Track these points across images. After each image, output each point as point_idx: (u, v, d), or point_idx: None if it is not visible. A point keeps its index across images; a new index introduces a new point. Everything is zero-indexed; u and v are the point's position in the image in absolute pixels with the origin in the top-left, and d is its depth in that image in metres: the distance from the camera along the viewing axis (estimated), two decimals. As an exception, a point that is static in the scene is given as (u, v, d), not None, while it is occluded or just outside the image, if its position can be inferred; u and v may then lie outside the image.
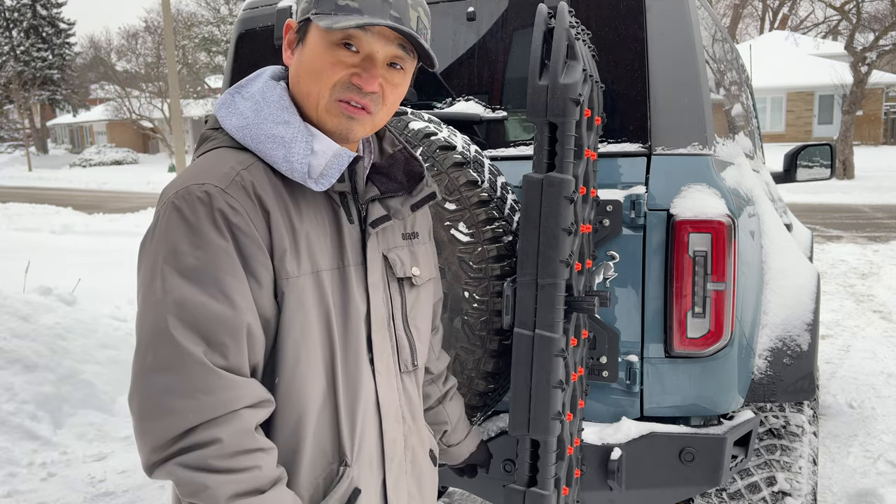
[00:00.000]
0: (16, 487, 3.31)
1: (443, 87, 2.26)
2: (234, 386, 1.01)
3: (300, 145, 1.09)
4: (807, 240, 3.85)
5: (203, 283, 1.01)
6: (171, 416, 0.98)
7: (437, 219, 1.79)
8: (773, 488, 2.26)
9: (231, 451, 1.00)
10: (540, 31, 1.63)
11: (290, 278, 1.08)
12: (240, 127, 1.12)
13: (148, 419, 0.99)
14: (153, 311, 1.01)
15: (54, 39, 46.25)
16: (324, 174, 1.09)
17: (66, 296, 4.93)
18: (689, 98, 1.97)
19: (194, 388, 0.98)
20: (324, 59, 1.11)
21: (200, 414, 0.98)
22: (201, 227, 1.02)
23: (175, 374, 0.98)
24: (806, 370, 2.16)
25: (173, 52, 13.29)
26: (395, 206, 1.24)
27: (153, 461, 1.00)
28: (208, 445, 0.98)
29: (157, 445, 0.99)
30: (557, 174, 1.59)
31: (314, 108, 1.14)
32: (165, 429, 0.98)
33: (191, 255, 1.01)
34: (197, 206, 1.02)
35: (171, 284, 1.00)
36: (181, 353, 0.98)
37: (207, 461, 0.98)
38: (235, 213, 1.03)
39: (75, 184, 26.50)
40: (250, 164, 1.09)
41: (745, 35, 38.33)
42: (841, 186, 15.96)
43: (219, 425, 0.99)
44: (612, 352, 1.94)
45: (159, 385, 0.99)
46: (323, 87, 1.12)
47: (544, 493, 1.66)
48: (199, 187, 1.04)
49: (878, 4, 21.09)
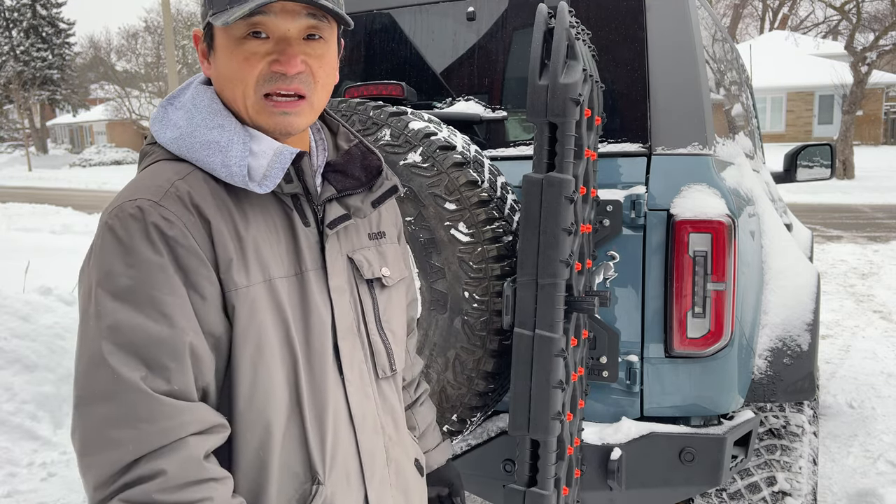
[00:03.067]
0: (16, 487, 3.31)
1: (443, 87, 2.26)
2: (177, 412, 0.95)
3: (237, 148, 1.03)
4: (807, 240, 3.85)
5: (138, 303, 0.95)
6: (112, 449, 0.92)
7: (437, 219, 1.79)
8: (773, 488, 2.26)
9: (177, 484, 0.92)
10: (540, 30, 1.63)
11: (238, 289, 1.01)
12: (174, 138, 1.06)
13: (88, 453, 0.93)
14: (88, 338, 0.95)
15: (54, 39, 46.23)
16: (267, 175, 1.03)
17: (66, 296, 4.92)
18: (689, 98, 1.97)
19: (134, 418, 0.92)
20: (237, 58, 1.04)
21: (142, 445, 0.92)
22: (134, 244, 0.96)
23: (113, 402, 0.92)
24: (806, 370, 2.16)
25: (173, 52, 13.29)
26: (354, 204, 1.16)
27: (97, 499, 0.93)
28: (152, 479, 0.92)
29: (99, 482, 0.92)
30: (557, 174, 1.59)
31: (245, 111, 1.07)
32: (107, 463, 0.92)
33: (124, 276, 0.95)
34: (129, 222, 0.96)
35: (105, 308, 0.94)
36: (118, 381, 0.92)
37: (151, 496, 0.91)
38: (171, 226, 0.97)
39: (75, 184, 26.48)
40: (187, 173, 1.03)
41: (745, 35, 38.33)
42: (841, 186, 15.95)
43: (162, 456, 0.93)
44: (612, 352, 1.94)
45: (98, 416, 0.93)
46: (246, 87, 1.05)
47: (544, 493, 1.66)
48: (132, 203, 0.98)
49: (878, 4, 21.09)
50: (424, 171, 1.79)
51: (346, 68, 2.37)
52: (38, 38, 45.52)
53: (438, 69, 2.27)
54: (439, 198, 1.78)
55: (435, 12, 2.27)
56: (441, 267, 1.81)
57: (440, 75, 2.27)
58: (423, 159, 1.79)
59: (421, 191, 1.79)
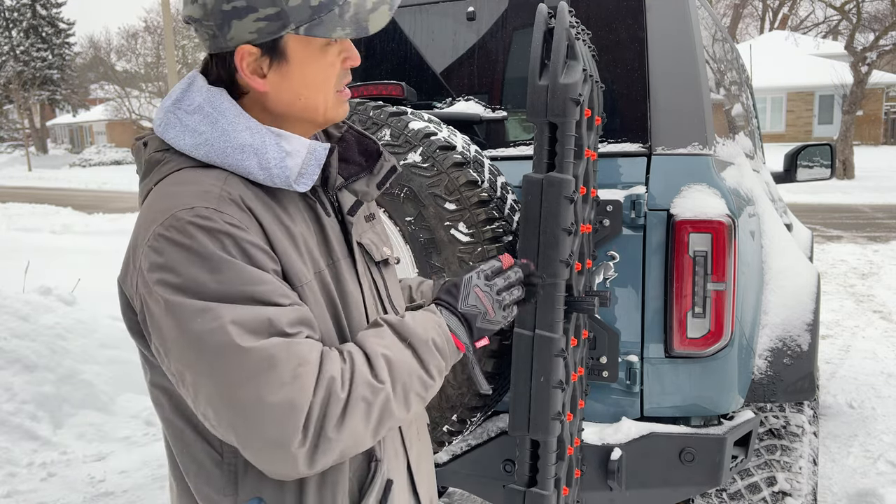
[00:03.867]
0: (16, 487, 3.31)
1: (443, 87, 2.26)
2: (316, 344, 0.97)
3: (272, 149, 1.02)
4: (807, 240, 3.85)
5: (240, 301, 0.92)
6: (288, 410, 0.90)
7: (437, 219, 1.79)
8: (774, 488, 2.26)
9: (352, 375, 0.96)
10: (540, 30, 1.63)
11: (303, 285, 1.02)
12: (197, 144, 1.02)
13: (267, 432, 0.91)
14: (209, 344, 0.91)
15: (54, 39, 46.25)
16: (302, 173, 1.04)
17: (66, 296, 4.92)
18: (689, 98, 1.97)
19: (291, 367, 0.91)
20: (323, 63, 1.06)
21: (307, 383, 0.92)
22: (207, 251, 0.93)
23: (264, 374, 0.91)
24: (806, 370, 2.16)
25: (173, 52, 13.30)
26: (361, 188, 1.18)
27: (308, 460, 0.93)
28: (330, 397, 0.93)
29: (296, 444, 0.91)
30: (557, 174, 1.59)
31: (322, 112, 1.09)
32: (290, 424, 0.91)
33: (212, 282, 0.92)
34: (192, 230, 0.93)
35: (213, 314, 0.91)
36: (258, 352, 0.91)
37: (343, 404, 0.94)
38: (238, 229, 0.95)
39: (75, 184, 26.48)
40: (226, 178, 1.01)
41: (745, 35, 38.33)
42: (841, 186, 15.96)
43: (324, 373, 0.94)
44: (612, 352, 1.94)
45: (253, 395, 0.91)
46: (329, 89, 1.08)
47: (544, 493, 1.66)
48: (189, 212, 0.94)
49: (878, 4, 21.09)
50: (424, 171, 1.79)
51: (346, 68, 2.37)
52: (38, 38, 45.53)
53: (438, 69, 2.27)
54: (439, 198, 1.78)
55: (435, 12, 2.27)
56: (441, 267, 1.81)
57: (440, 75, 2.27)
58: (423, 159, 1.79)
59: (421, 191, 1.79)
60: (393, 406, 1.00)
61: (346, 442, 0.96)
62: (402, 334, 1.06)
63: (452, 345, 1.12)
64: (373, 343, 1.03)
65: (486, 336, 1.19)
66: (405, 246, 1.86)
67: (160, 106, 1.10)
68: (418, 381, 1.05)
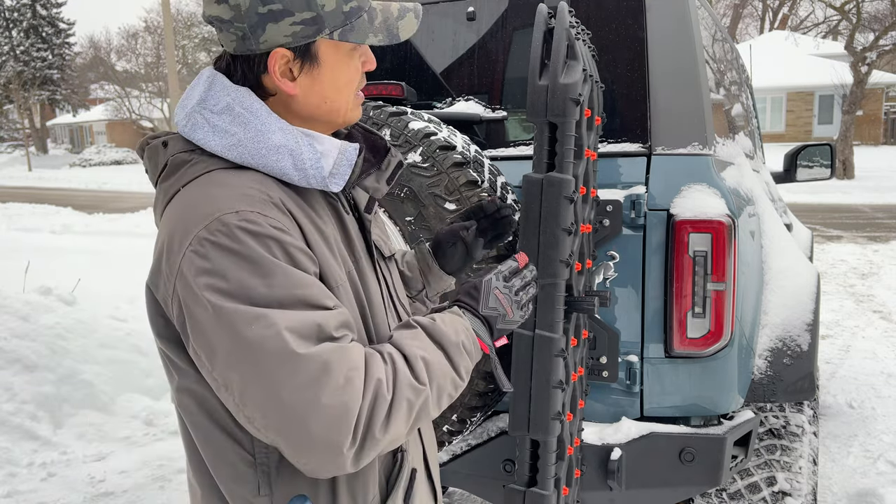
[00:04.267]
0: (16, 487, 3.31)
1: (443, 87, 2.26)
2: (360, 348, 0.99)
3: (306, 150, 1.03)
4: (807, 240, 3.85)
5: (290, 305, 0.93)
6: (340, 412, 0.92)
7: (437, 219, 1.79)
8: (774, 488, 2.26)
9: (395, 377, 0.99)
10: (540, 31, 1.63)
11: (339, 286, 1.04)
12: (230, 145, 1.02)
13: (319, 437, 0.92)
14: (264, 350, 0.91)
15: (54, 39, 46.25)
16: (334, 173, 1.05)
17: (66, 296, 4.92)
18: (689, 98, 1.97)
19: (335, 375, 0.92)
20: (351, 68, 1.10)
21: (356, 388, 0.94)
22: (254, 254, 0.92)
23: (318, 380, 0.91)
24: (806, 370, 2.16)
25: (173, 52, 13.30)
26: (372, 184, 1.19)
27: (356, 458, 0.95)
28: (377, 397, 0.95)
29: (349, 446, 0.93)
30: (557, 174, 1.59)
31: (343, 114, 1.12)
32: (344, 425, 0.92)
33: (261, 286, 0.92)
34: (241, 235, 0.93)
35: (267, 321, 0.91)
36: (314, 358, 0.92)
37: (394, 402, 0.97)
38: (283, 233, 0.96)
39: (75, 184, 26.48)
40: (262, 180, 1.01)
41: (745, 35, 38.33)
42: (841, 186, 15.95)
43: (372, 375, 0.97)
44: (612, 352, 1.94)
45: (306, 399, 0.91)
46: (352, 92, 1.12)
47: (544, 493, 1.66)
48: (235, 216, 0.93)
49: (878, 4, 21.09)
50: (424, 171, 1.79)
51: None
52: (38, 38, 45.53)
53: (438, 69, 2.27)
54: (439, 198, 1.78)
55: (435, 12, 2.27)
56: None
57: (440, 75, 2.27)
58: (423, 159, 1.79)
59: (421, 191, 1.79)
60: (430, 406, 1.04)
61: (389, 440, 0.98)
62: (434, 336, 1.09)
63: (477, 346, 1.15)
64: (411, 345, 1.05)
65: (505, 335, 1.22)
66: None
67: (181, 106, 1.08)
68: (451, 382, 1.08)
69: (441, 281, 1.51)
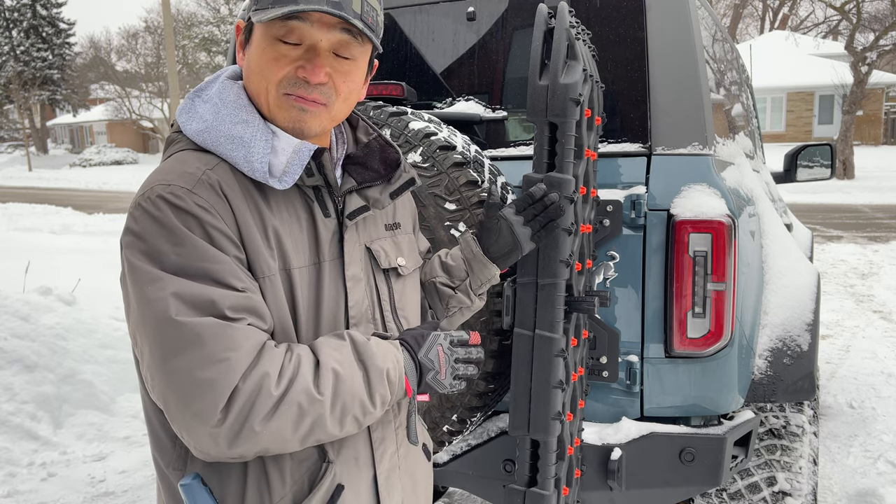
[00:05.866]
0: (16, 487, 3.31)
1: (443, 87, 2.26)
2: (253, 333, 1.00)
3: (259, 144, 1.07)
4: (807, 240, 3.85)
5: (194, 275, 0.98)
6: (209, 389, 0.95)
7: (437, 219, 1.79)
8: (774, 488, 2.26)
9: (293, 378, 0.99)
10: (540, 31, 1.63)
11: (265, 277, 1.06)
12: (199, 131, 1.10)
13: (187, 405, 0.96)
14: (149, 313, 0.98)
15: (54, 39, 46.25)
16: (286, 171, 1.07)
17: (66, 296, 4.92)
18: (689, 98, 1.97)
19: (219, 351, 0.96)
20: (267, 55, 1.09)
21: (237, 368, 0.96)
22: (173, 225, 1.00)
23: (192, 349, 0.96)
24: (806, 370, 2.16)
25: (173, 52, 13.31)
26: (373, 195, 1.21)
27: (225, 441, 0.96)
28: (261, 387, 0.97)
29: (211, 424, 0.95)
30: (557, 174, 1.59)
31: (266, 106, 1.12)
32: (211, 402, 0.95)
33: (172, 253, 0.99)
34: (162, 205, 1.00)
35: (162, 284, 0.97)
36: (191, 329, 0.96)
37: (271, 399, 0.97)
38: (205, 212, 1.01)
39: (75, 184, 26.49)
40: (215, 164, 1.08)
41: (745, 35, 38.34)
42: (841, 186, 15.96)
43: (258, 364, 0.98)
44: (612, 352, 1.94)
45: (182, 368, 0.96)
46: (270, 84, 1.10)
47: (544, 493, 1.66)
48: (166, 188, 1.02)
49: (878, 4, 21.09)
50: (424, 171, 1.79)
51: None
52: (38, 38, 45.54)
53: (438, 69, 2.27)
54: (439, 198, 1.78)
55: (435, 12, 2.27)
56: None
57: (440, 75, 2.27)
58: (423, 159, 1.79)
59: (421, 191, 1.79)
60: (327, 421, 1.03)
61: (271, 439, 0.99)
62: (360, 354, 1.09)
63: (402, 383, 1.14)
64: (327, 354, 1.06)
65: (428, 394, 1.20)
66: None
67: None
68: (359, 405, 1.07)
69: (485, 269, 1.46)
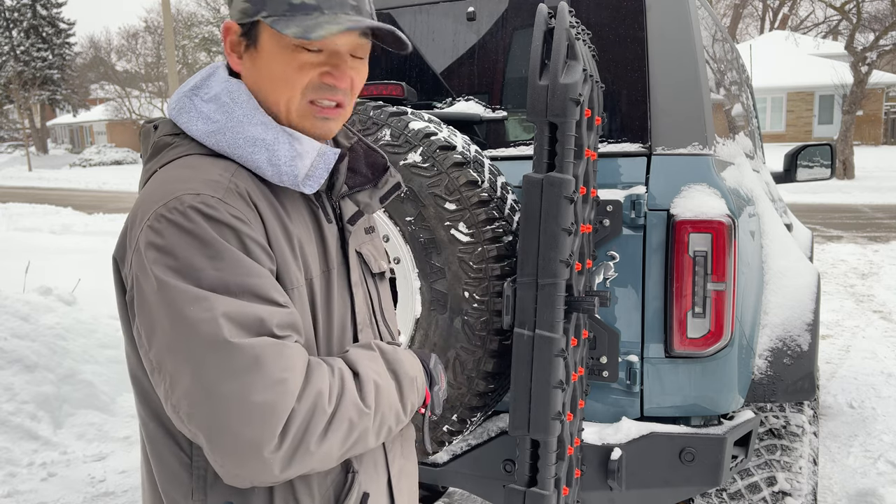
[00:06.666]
0: (16, 487, 3.31)
1: (443, 87, 2.26)
2: (302, 350, 0.97)
3: (284, 147, 1.02)
4: (807, 240, 3.85)
5: (237, 292, 0.91)
6: (267, 413, 0.89)
7: (437, 219, 1.79)
8: (774, 488, 2.26)
9: (342, 393, 0.96)
10: (540, 31, 1.63)
11: (294, 288, 1.02)
12: (210, 132, 1.02)
13: (243, 434, 0.88)
14: (198, 334, 0.89)
15: (54, 39, 46.25)
16: (310, 175, 1.03)
17: (66, 296, 4.92)
18: (689, 98, 1.97)
19: (274, 371, 0.90)
20: (288, 64, 1.03)
21: (291, 389, 0.91)
22: (208, 237, 0.91)
23: (249, 373, 0.89)
24: (806, 370, 2.16)
25: (173, 52, 13.31)
26: (363, 200, 1.19)
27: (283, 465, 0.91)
28: (315, 408, 0.92)
29: (270, 450, 0.89)
30: (557, 174, 1.59)
31: (286, 114, 1.06)
32: (268, 427, 0.89)
33: (210, 269, 0.91)
34: (196, 217, 0.92)
35: (208, 304, 0.89)
36: (245, 349, 0.89)
37: (326, 417, 0.93)
38: (241, 223, 0.94)
39: (75, 184, 26.48)
40: (234, 170, 1.01)
41: (745, 35, 38.34)
42: (841, 186, 15.96)
43: (310, 383, 0.94)
44: (612, 352, 1.94)
45: (235, 393, 0.88)
46: (294, 93, 1.04)
47: (544, 493, 1.66)
48: (195, 198, 0.93)
49: (879, 4, 21.08)
50: (424, 171, 1.79)
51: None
52: (38, 38, 45.54)
53: (438, 69, 2.27)
54: (439, 198, 1.78)
55: (435, 12, 2.27)
56: (441, 267, 1.81)
57: (440, 75, 2.27)
58: (423, 159, 1.79)
59: (421, 191, 1.79)
60: (370, 433, 1.01)
61: (321, 458, 0.95)
62: (391, 364, 1.07)
63: (423, 390, 1.15)
64: (366, 366, 1.03)
65: (422, 407, 1.19)
66: (405, 246, 1.86)
67: (177, 91, 1.09)
68: (395, 415, 1.06)
69: None
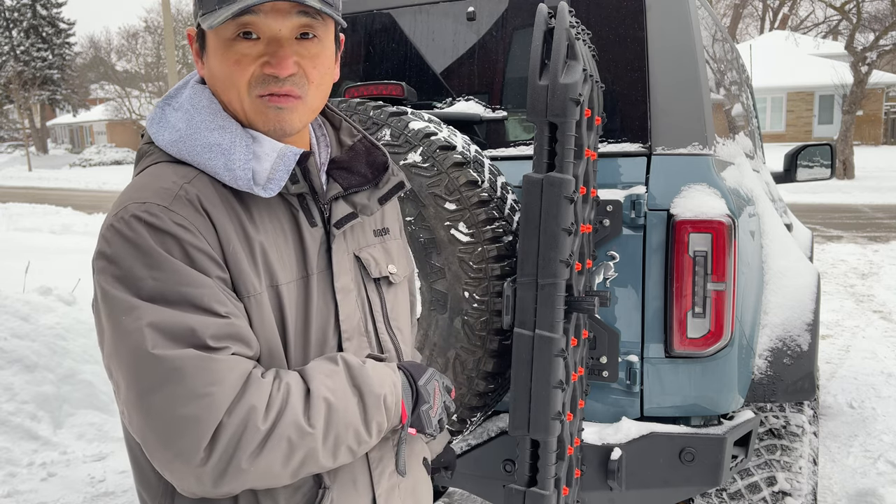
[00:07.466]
0: (16, 487, 3.31)
1: (443, 87, 2.26)
2: (237, 363, 0.93)
3: (240, 151, 0.99)
4: (807, 240, 3.85)
5: (173, 301, 0.91)
6: (192, 426, 0.88)
7: (437, 219, 1.79)
8: (774, 488, 2.26)
9: (282, 411, 0.93)
10: (540, 30, 1.63)
11: (250, 296, 0.99)
12: (173, 141, 1.02)
13: (168, 443, 0.89)
14: (125, 342, 0.90)
15: (54, 39, 46.26)
16: (271, 178, 0.99)
17: (66, 296, 4.92)
18: (689, 98, 1.97)
19: (201, 385, 0.89)
20: (227, 60, 1.01)
21: (220, 404, 0.89)
22: (150, 247, 0.92)
23: (171, 384, 0.88)
24: (806, 370, 2.16)
25: (173, 52, 13.31)
26: (361, 201, 1.13)
27: (210, 482, 0.90)
28: (247, 422, 0.90)
29: (194, 462, 0.89)
30: (557, 174, 1.59)
31: (242, 113, 1.04)
32: (193, 441, 0.89)
33: (148, 278, 0.91)
34: (137, 226, 0.92)
35: (138, 313, 0.90)
36: (171, 363, 0.89)
37: (258, 434, 0.90)
38: (185, 231, 0.94)
39: (75, 184, 26.48)
40: (193, 176, 0.99)
41: (745, 35, 38.34)
42: (841, 186, 15.96)
43: (244, 397, 0.91)
44: (612, 352, 1.94)
45: (160, 404, 0.89)
46: (240, 90, 1.01)
47: (544, 493, 1.66)
48: (140, 206, 0.94)
49: (878, 4, 21.09)
50: (424, 171, 1.79)
51: (346, 68, 2.37)
52: (38, 38, 45.54)
53: (438, 69, 2.27)
54: (439, 198, 1.78)
55: (435, 12, 2.27)
56: (441, 267, 1.81)
57: (440, 75, 2.27)
58: (423, 159, 1.79)
59: (421, 191, 1.79)
60: (319, 454, 0.97)
61: (259, 475, 0.93)
62: (356, 380, 1.02)
63: (399, 409, 1.08)
64: (319, 381, 0.99)
65: (416, 429, 1.13)
66: None
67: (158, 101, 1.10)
68: (354, 434, 1.00)
69: None
